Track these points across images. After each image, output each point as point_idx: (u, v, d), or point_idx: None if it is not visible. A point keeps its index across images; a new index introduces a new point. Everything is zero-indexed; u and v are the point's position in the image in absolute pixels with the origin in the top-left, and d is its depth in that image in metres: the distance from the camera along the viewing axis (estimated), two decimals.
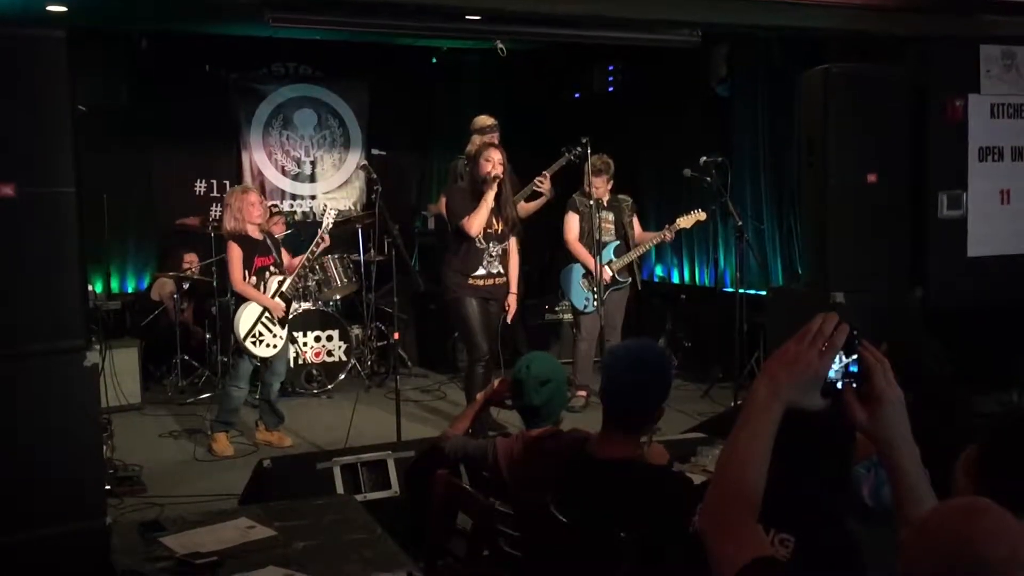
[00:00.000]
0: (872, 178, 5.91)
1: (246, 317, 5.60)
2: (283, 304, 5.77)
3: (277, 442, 5.80)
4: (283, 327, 5.76)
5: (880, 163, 5.93)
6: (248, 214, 5.61)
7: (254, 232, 5.68)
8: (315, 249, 5.94)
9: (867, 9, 5.24)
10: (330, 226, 5.91)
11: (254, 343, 5.60)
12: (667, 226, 6.55)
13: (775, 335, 6.40)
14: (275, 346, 5.71)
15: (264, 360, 5.71)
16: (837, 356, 1.60)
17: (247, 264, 5.62)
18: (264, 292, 5.70)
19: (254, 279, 5.67)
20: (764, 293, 6.87)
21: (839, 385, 1.62)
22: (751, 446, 1.62)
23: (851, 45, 6.17)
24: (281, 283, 5.76)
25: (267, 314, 5.67)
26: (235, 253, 5.58)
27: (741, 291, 6.26)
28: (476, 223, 5.63)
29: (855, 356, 1.61)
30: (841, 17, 5.50)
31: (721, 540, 1.57)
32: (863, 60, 6.07)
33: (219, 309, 6.79)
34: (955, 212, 6.16)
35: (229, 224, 5.63)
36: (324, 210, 6.09)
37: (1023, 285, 6.23)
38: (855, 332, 1.63)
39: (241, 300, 5.64)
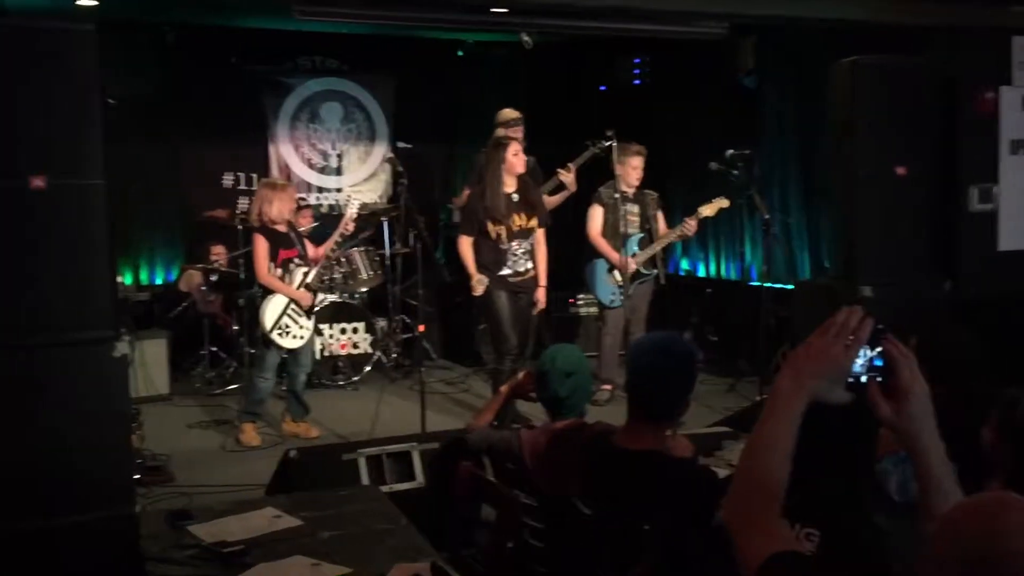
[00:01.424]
0: (902, 171, 5.84)
1: (272, 309, 5.63)
2: (310, 295, 5.80)
3: (304, 433, 5.84)
4: (309, 319, 5.79)
5: (910, 156, 5.86)
6: (282, 209, 5.64)
7: (281, 226, 5.71)
8: (341, 236, 5.95)
9: (896, 0, 5.17)
10: (355, 214, 5.92)
11: (280, 335, 5.63)
12: (686, 219, 6.47)
13: (802, 329, 6.35)
14: (301, 337, 5.74)
15: (290, 352, 5.75)
16: (862, 350, 1.60)
17: (272, 257, 5.66)
18: (289, 284, 5.73)
19: (279, 271, 5.70)
20: (791, 287, 6.81)
21: (863, 379, 1.61)
22: (775, 438, 1.61)
23: (880, 36, 6.10)
24: (306, 274, 5.79)
25: (293, 306, 5.70)
26: (261, 245, 5.62)
27: (767, 285, 6.21)
28: (464, 247, 5.69)
29: (880, 350, 1.61)
30: (870, 8, 5.45)
31: (745, 532, 1.56)
32: (893, 52, 5.99)
33: (246, 301, 6.83)
34: (986, 205, 6.08)
35: (258, 216, 5.67)
36: (347, 201, 6.09)
37: None
38: (880, 326, 1.62)
39: (268, 292, 5.67)
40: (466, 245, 5.72)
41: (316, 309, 7.02)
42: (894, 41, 6.03)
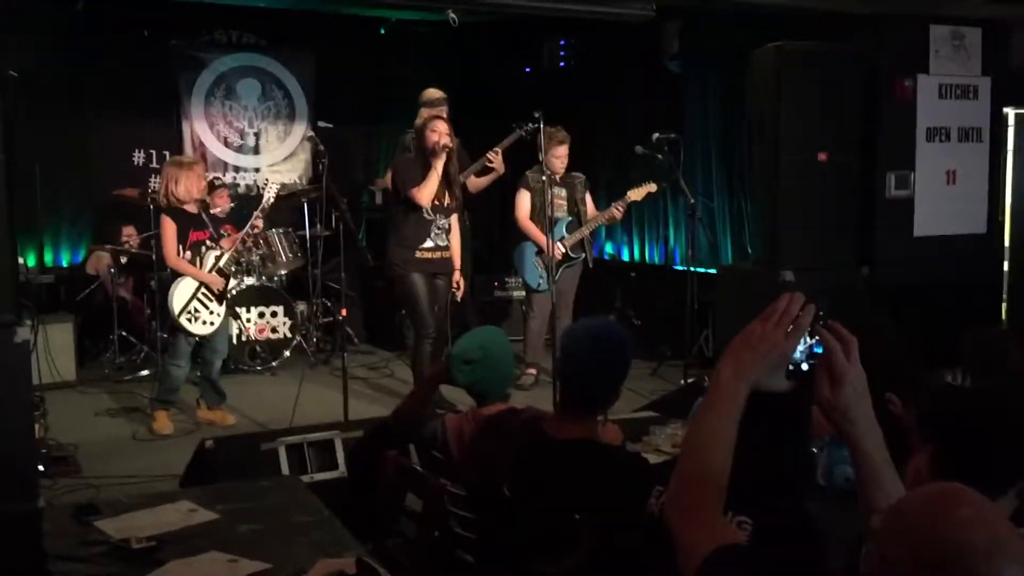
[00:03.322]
0: (823, 156, 5.93)
1: (180, 293, 5.42)
2: (221, 279, 5.60)
3: (220, 421, 5.66)
4: (221, 303, 5.60)
5: (831, 142, 5.95)
6: (191, 188, 5.43)
7: (190, 206, 5.50)
8: (254, 227, 5.79)
9: None
10: (271, 201, 5.75)
11: (189, 320, 5.43)
12: (614, 203, 6.48)
13: (725, 313, 6.41)
14: (212, 323, 5.55)
15: (202, 337, 5.55)
16: (802, 337, 1.57)
17: (182, 238, 5.45)
18: (200, 267, 5.52)
19: (189, 254, 5.49)
20: (714, 271, 6.87)
21: (804, 367, 1.58)
22: (717, 429, 1.57)
23: (804, 22, 6.16)
24: (218, 258, 5.59)
25: (204, 290, 5.50)
26: (168, 227, 5.41)
27: (691, 269, 6.24)
28: (426, 192, 5.56)
29: (819, 337, 1.58)
30: None
31: (687, 527, 1.52)
32: (815, 38, 6.06)
33: (159, 284, 6.58)
34: (903, 192, 6.22)
35: (164, 196, 5.44)
36: (266, 184, 5.91)
37: (966, 264, 6.32)
38: (821, 312, 1.59)
39: (177, 276, 5.45)
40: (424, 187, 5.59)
41: (233, 293, 6.84)
42: (817, 28, 6.09)
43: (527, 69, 9.32)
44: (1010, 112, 6.68)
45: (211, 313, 5.53)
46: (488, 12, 6.76)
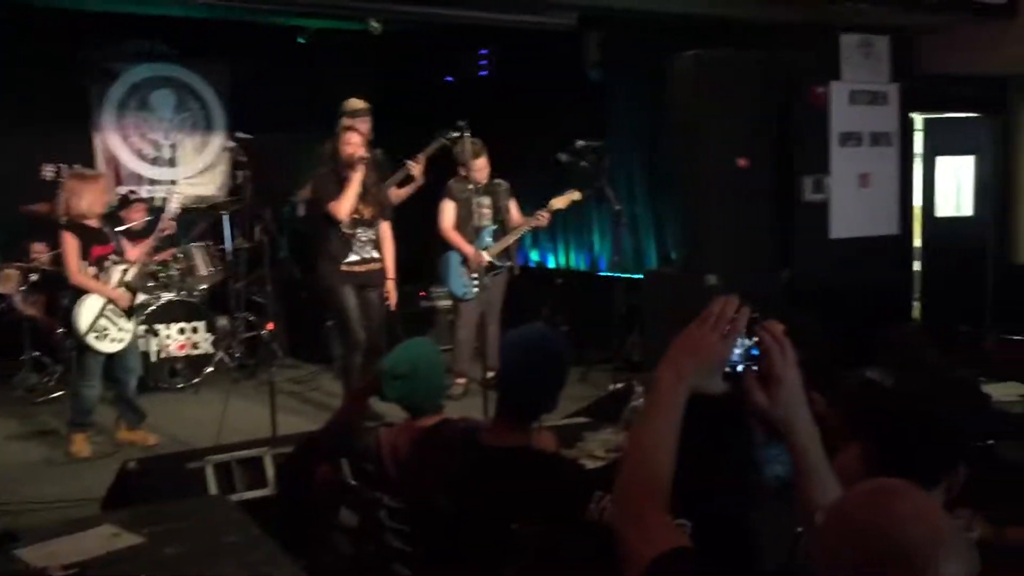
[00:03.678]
0: (742, 162, 6.06)
1: (87, 310, 5.24)
2: (128, 295, 5.44)
3: (140, 441, 5.49)
4: (129, 319, 5.44)
5: (749, 147, 6.09)
6: (93, 203, 5.28)
7: (93, 221, 5.33)
8: (157, 238, 5.64)
9: None
10: (175, 212, 5.62)
11: (98, 338, 5.25)
12: (538, 211, 6.50)
13: (651, 317, 6.50)
14: (121, 340, 5.38)
15: (111, 356, 5.38)
16: (739, 339, 1.58)
17: (84, 254, 5.28)
18: (106, 283, 5.36)
19: (94, 269, 5.32)
20: (639, 276, 6.95)
21: (740, 368, 1.59)
22: (659, 434, 1.58)
23: (722, 31, 6.29)
24: (124, 272, 5.43)
25: (111, 306, 5.33)
26: (70, 242, 5.22)
27: (617, 274, 6.30)
28: (344, 207, 5.50)
29: (755, 339, 1.59)
30: (712, 3, 5.59)
31: (632, 532, 1.52)
32: (733, 46, 6.20)
33: (71, 301, 6.36)
34: (818, 196, 6.39)
35: (65, 211, 5.26)
36: (167, 198, 5.77)
37: (880, 266, 6.53)
38: (755, 315, 1.61)
39: (82, 293, 5.27)
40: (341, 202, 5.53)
41: (151, 309, 6.65)
42: (735, 36, 6.23)
43: (448, 78, 9.30)
44: (918, 117, 6.93)
45: (119, 330, 5.36)
46: (410, 21, 6.72)
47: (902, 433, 1.91)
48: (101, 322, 5.27)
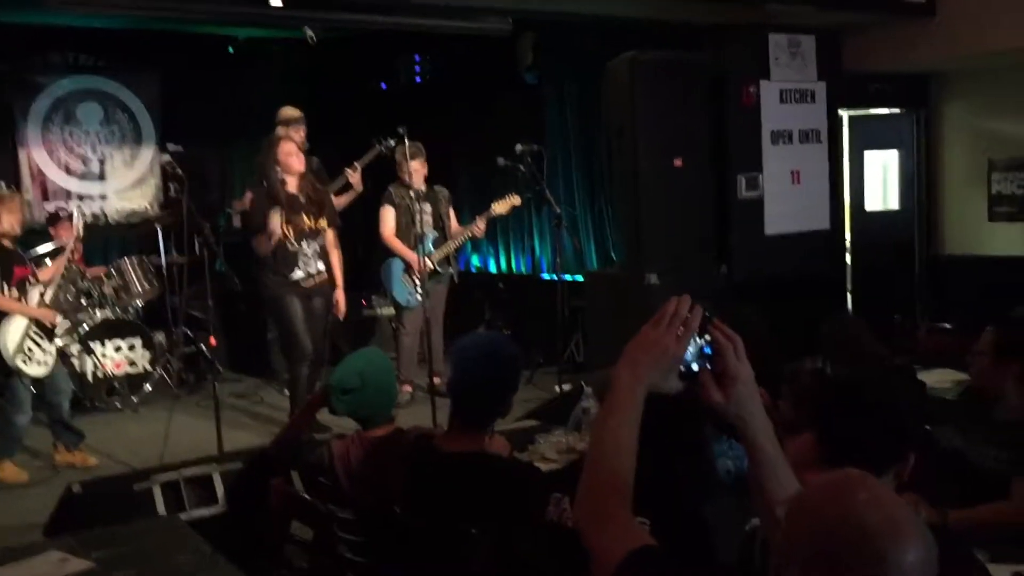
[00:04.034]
0: (678, 162, 6.15)
1: (12, 334, 5.07)
2: (54, 312, 5.33)
3: (80, 462, 5.35)
4: (51, 341, 5.31)
5: (685, 147, 6.18)
6: (13, 223, 5.14)
7: (7, 242, 5.18)
8: (71, 257, 5.54)
9: None
10: (80, 231, 5.51)
11: (25, 361, 5.09)
12: (477, 218, 6.49)
13: (594, 318, 6.55)
14: (46, 363, 5.23)
15: (39, 380, 5.23)
16: (692, 339, 1.61)
17: (6, 277, 5.12)
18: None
19: (15, 292, 5.16)
20: (581, 278, 7.00)
21: (695, 367, 1.62)
22: (619, 434, 1.59)
23: (653, 33, 6.38)
24: (42, 295, 5.31)
25: (34, 328, 5.18)
26: None
27: (559, 277, 6.33)
28: (271, 241, 5.45)
29: (708, 337, 1.62)
30: (643, 5, 5.67)
31: (598, 532, 1.53)
32: (666, 48, 6.29)
33: None
34: (753, 193, 6.51)
35: None
36: (72, 214, 5.64)
37: (814, 260, 6.68)
38: (707, 314, 1.63)
39: (1, 316, 5.09)
40: (262, 242, 5.45)
41: (85, 326, 6.49)
42: (667, 38, 6.32)
43: (383, 85, 9.27)
44: (844, 114, 7.11)
45: (43, 352, 5.22)
46: (345, 29, 6.68)
47: (854, 422, 1.96)
48: (27, 344, 5.13)
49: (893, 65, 6.81)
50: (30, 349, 5.14)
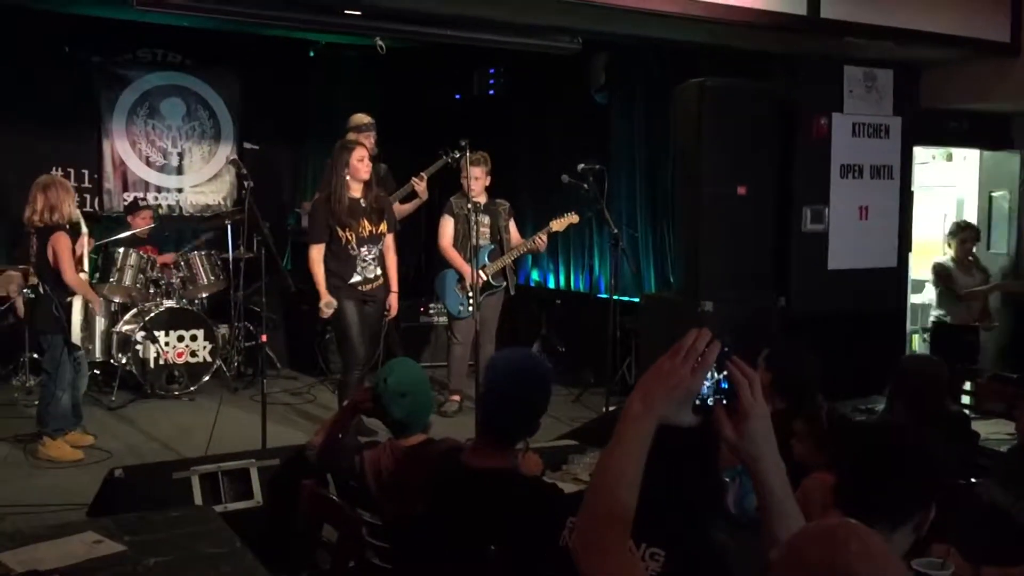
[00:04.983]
0: (742, 190, 6.08)
1: (77, 312, 5.34)
2: (100, 298, 5.61)
3: (77, 442, 5.52)
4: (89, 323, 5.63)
5: (750, 176, 6.11)
6: (73, 207, 5.39)
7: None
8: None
9: (740, 26, 5.37)
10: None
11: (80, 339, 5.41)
12: (537, 233, 6.52)
13: (647, 341, 6.51)
14: (79, 344, 5.51)
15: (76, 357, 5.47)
16: (709, 372, 1.60)
17: (78, 260, 5.37)
18: None
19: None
20: (637, 300, 6.96)
21: (710, 401, 1.61)
22: (624, 465, 1.59)
23: (725, 59, 6.33)
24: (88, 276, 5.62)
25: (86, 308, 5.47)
26: (66, 243, 5.25)
27: (615, 297, 6.31)
28: (319, 255, 5.58)
29: (725, 372, 1.61)
30: (715, 32, 5.63)
31: (594, 563, 1.53)
32: (736, 74, 6.23)
33: (60, 302, 6.40)
34: (818, 226, 6.40)
35: (63, 215, 5.29)
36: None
37: (877, 297, 6.54)
38: (726, 349, 1.63)
39: (69, 293, 5.30)
40: (316, 256, 5.57)
41: (151, 315, 6.71)
42: (738, 65, 6.26)
43: (456, 96, 9.37)
44: (919, 151, 6.95)
45: (82, 333, 5.49)
46: (417, 42, 6.78)
47: (871, 470, 1.92)
48: (81, 322, 5.39)
49: (974, 103, 6.64)
50: (83, 329, 5.39)
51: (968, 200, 7.41)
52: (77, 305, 5.32)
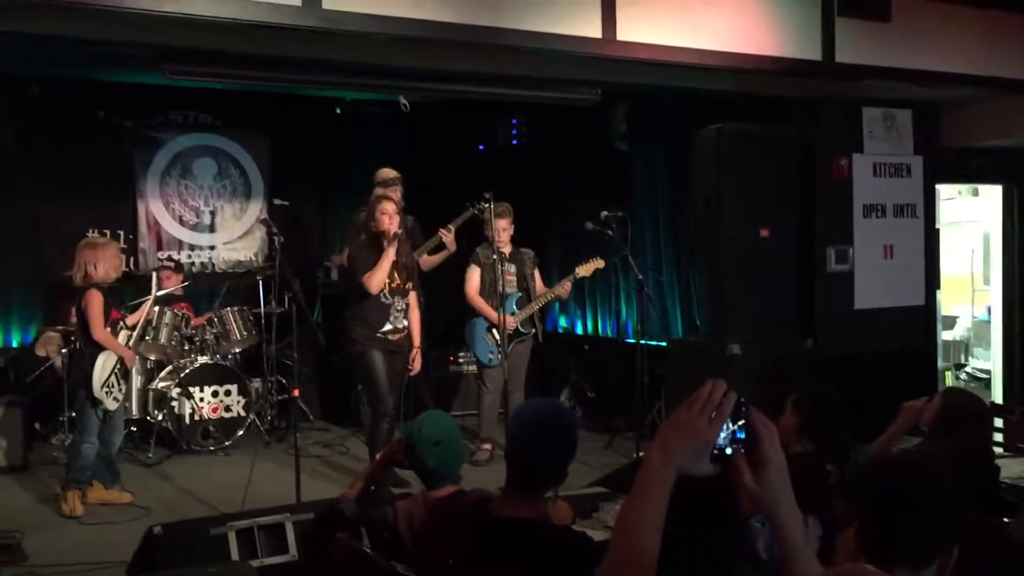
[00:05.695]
0: (765, 233, 6.13)
1: (106, 366, 5.46)
2: (135, 355, 5.72)
3: (116, 499, 5.63)
4: (127, 381, 5.71)
5: (772, 218, 6.16)
6: (111, 268, 5.53)
7: (106, 285, 5.56)
8: (149, 313, 5.97)
9: (756, 73, 5.46)
10: (158, 292, 5.98)
11: (107, 394, 5.47)
12: (562, 280, 6.60)
13: (675, 385, 6.52)
14: (119, 400, 5.62)
15: (107, 414, 5.56)
16: (725, 423, 1.64)
17: (105, 315, 5.50)
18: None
19: (108, 330, 5.53)
20: (665, 344, 6.99)
21: (728, 451, 1.65)
22: (646, 513, 1.63)
23: (745, 103, 6.42)
24: (129, 337, 5.69)
25: (120, 366, 5.56)
26: (97, 301, 5.43)
27: (642, 342, 6.35)
28: (376, 281, 5.61)
29: (742, 423, 1.65)
30: (733, 80, 5.72)
31: None
32: (755, 119, 6.32)
33: (89, 358, 6.53)
34: (843, 266, 6.43)
35: (98, 274, 5.47)
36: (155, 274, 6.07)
37: (906, 335, 6.52)
38: (742, 399, 1.67)
39: (98, 350, 5.45)
40: (377, 281, 5.64)
41: (185, 371, 6.82)
42: (756, 109, 6.34)
43: (480, 147, 9.52)
44: (942, 188, 6.97)
45: (120, 390, 5.60)
46: (439, 97, 6.93)
47: (889, 513, 1.93)
48: (111, 379, 5.48)
49: (995, 140, 6.67)
50: (112, 384, 5.49)
51: (993, 234, 7.39)
52: (101, 361, 5.44)
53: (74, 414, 5.72)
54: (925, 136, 6.65)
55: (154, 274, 6.12)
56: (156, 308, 7.00)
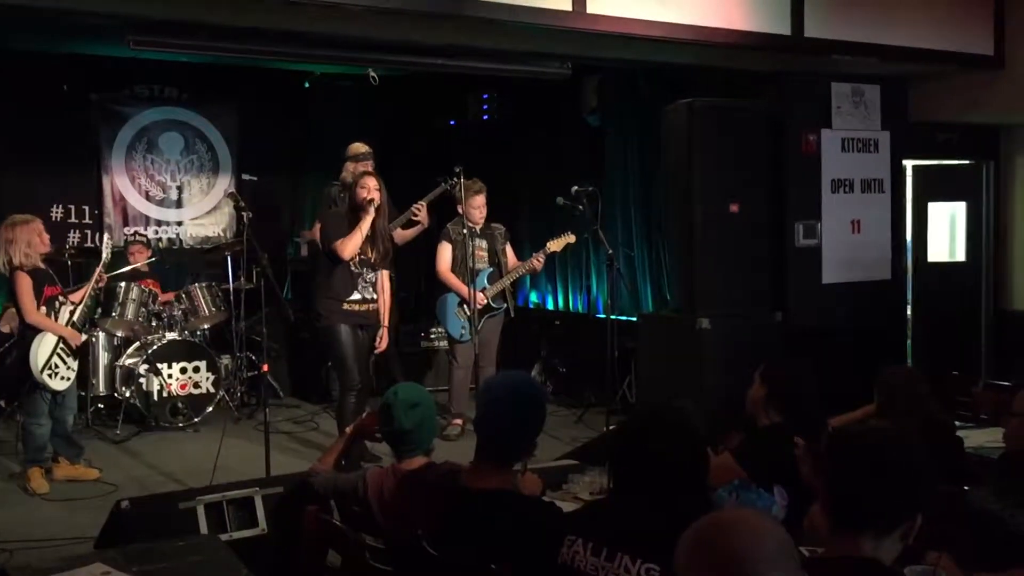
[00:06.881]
0: (734, 208, 6.15)
1: (43, 349, 5.37)
2: (79, 334, 5.61)
3: (83, 475, 5.60)
4: (75, 359, 5.60)
5: (742, 193, 6.19)
6: (39, 245, 5.43)
7: (39, 262, 5.47)
8: (98, 281, 5.79)
9: (726, 47, 5.46)
10: (108, 258, 5.80)
11: (51, 376, 5.39)
12: (534, 254, 6.61)
13: (646, 360, 6.56)
14: (68, 379, 5.53)
15: (55, 394, 5.49)
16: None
17: (37, 294, 5.41)
18: (56, 322, 5.51)
19: (44, 309, 5.45)
20: (635, 319, 7.02)
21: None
22: None
23: (714, 78, 6.43)
24: (72, 313, 5.58)
25: (62, 345, 5.47)
26: (24, 284, 5.36)
27: (613, 317, 6.37)
28: (350, 247, 5.57)
29: None
30: (702, 54, 5.72)
31: None
32: (726, 93, 6.33)
33: (27, 341, 6.43)
34: (810, 241, 6.47)
35: (18, 256, 5.37)
36: (105, 248, 5.93)
37: (872, 310, 6.59)
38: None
39: (35, 332, 5.37)
40: (350, 248, 5.59)
41: (153, 347, 6.76)
42: (726, 85, 6.35)
43: (451, 122, 9.47)
44: (908, 164, 7.03)
45: (68, 368, 5.51)
46: (409, 71, 6.89)
47: (852, 480, 1.96)
48: (54, 360, 5.41)
49: (961, 116, 6.73)
50: (56, 365, 5.43)
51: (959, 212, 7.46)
52: (35, 344, 5.35)
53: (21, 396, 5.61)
54: (893, 111, 6.70)
55: (104, 244, 5.96)
56: (123, 284, 6.93)
